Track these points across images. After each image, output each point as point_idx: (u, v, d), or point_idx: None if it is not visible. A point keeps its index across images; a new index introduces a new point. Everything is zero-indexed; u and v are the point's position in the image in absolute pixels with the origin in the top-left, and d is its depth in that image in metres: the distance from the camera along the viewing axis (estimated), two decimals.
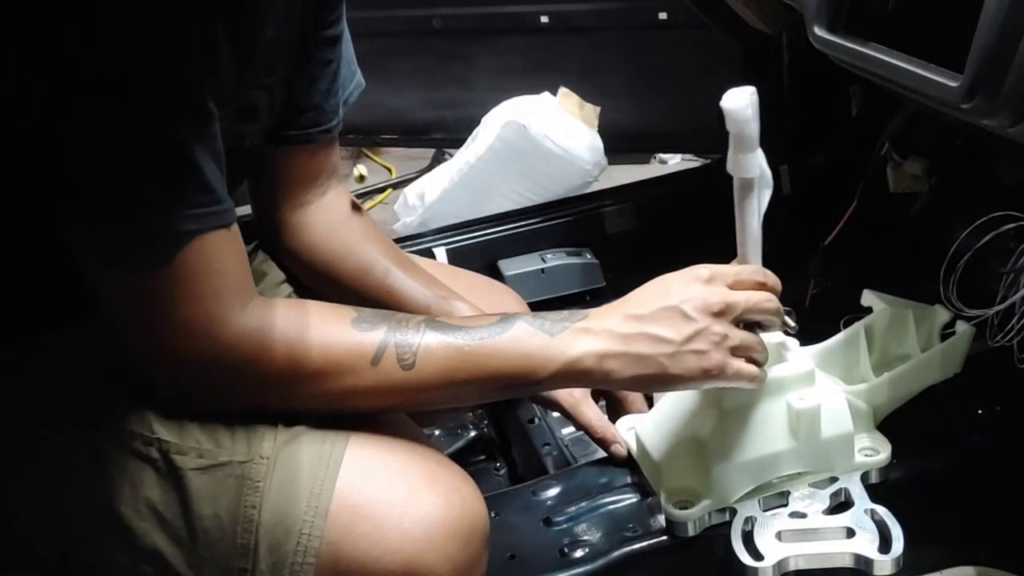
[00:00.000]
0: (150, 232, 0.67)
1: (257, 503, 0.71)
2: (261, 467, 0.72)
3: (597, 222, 1.57)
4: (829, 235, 1.29)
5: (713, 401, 0.88)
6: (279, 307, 0.74)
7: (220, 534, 0.71)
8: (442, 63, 2.60)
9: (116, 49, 0.62)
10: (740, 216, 0.83)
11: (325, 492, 0.72)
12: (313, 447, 0.74)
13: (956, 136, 1.19)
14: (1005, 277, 1.00)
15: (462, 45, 2.56)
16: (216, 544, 0.71)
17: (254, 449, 0.73)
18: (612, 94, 2.37)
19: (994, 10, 0.67)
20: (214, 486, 0.72)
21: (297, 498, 0.72)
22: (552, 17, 2.46)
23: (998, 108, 0.70)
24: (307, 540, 0.71)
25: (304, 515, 0.71)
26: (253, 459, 0.72)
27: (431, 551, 0.72)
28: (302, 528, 0.71)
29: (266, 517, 0.71)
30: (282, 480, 0.72)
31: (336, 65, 0.97)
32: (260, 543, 0.71)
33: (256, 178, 0.98)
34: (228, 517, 0.71)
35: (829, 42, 0.89)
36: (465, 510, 0.75)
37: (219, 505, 0.71)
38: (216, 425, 0.74)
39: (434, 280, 1.02)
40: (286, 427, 0.75)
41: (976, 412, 1.02)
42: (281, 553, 0.71)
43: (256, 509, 0.71)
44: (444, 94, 2.64)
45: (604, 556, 0.88)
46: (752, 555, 0.83)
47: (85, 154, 0.65)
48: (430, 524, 0.72)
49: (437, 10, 2.53)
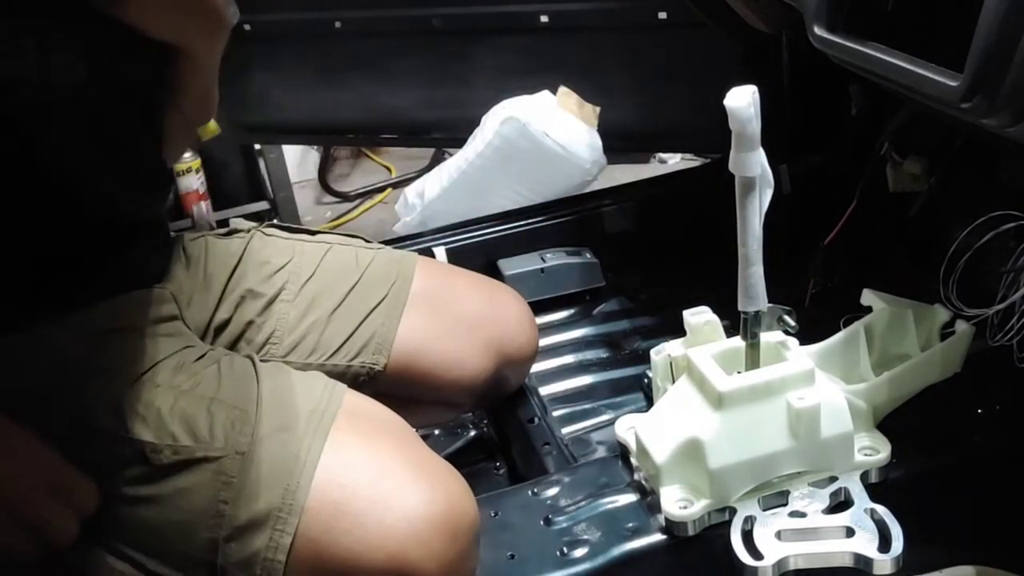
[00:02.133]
0: None
1: (230, 498, 0.71)
2: (236, 462, 0.72)
3: (597, 222, 1.57)
4: (829, 234, 1.29)
5: (713, 402, 0.88)
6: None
7: (192, 528, 0.71)
8: (442, 62, 2.60)
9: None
10: (741, 215, 0.83)
11: (301, 488, 0.71)
12: (292, 441, 0.74)
13: (956, 136, 1.19)
14: (1005, 276, 1.00)
15: (462, 44, 2.56)
16: (188, 538, 0.71)
17: (230, 444, 0.73)
18: (612, 93, 2.37)
19: (994, 9, 0.67)
20: (189, 481, 0.72)
21: (270, 493, 0.71)
22: (552, 17, 2.46)
23: (998, 108, 0.70)
24: (279, 536, 0.70)
25: (279, 511, 0.71)
26: (228, 454, 0.72)
27: (416, 547, 0.71)
28: (275, 524, 0.71)
29: (238, 512, 0.71)
30: (256, 476, 0.72)
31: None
32: (231, 538, 0.71)
33: None
34: (200, 511, 0.71)
35: (829, 41, 0.89)
36: (451, 505, 0.74)
37: (192, 500, 0.71)
38: (195, 418, 0.74)
39: None
40: (266, 419, 0.74)
41: (976, 412, 1.02)
42: (252, 548, 0.71)
43: (228, 504, 0.71)
44: (444, 93, 2.64)
45: (604, 555, 0.88)
46: (752, 554, 0.83)
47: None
48: (414, 519, 0.72)
49: (437, 9, 2.54)
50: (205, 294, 0.95)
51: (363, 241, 1.10)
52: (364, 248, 1.08)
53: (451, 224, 1.56)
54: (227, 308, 0.95)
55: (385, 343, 1.00)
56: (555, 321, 1.46)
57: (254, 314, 0.97)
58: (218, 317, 0.95)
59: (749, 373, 0.90)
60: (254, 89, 2.02)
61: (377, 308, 1.02)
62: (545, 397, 1.26)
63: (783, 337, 0.95)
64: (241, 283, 0.98)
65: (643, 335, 1.39)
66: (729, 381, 0.88)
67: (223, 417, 0.74)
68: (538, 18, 2.44)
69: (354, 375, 0.99)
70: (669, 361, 1.00)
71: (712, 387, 0.87)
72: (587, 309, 1.49)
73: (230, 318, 0.95)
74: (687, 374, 0.94)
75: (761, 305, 0.87)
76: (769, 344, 0.92)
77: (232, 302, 0.96)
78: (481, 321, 1.07)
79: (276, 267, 1.00)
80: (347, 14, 1.87)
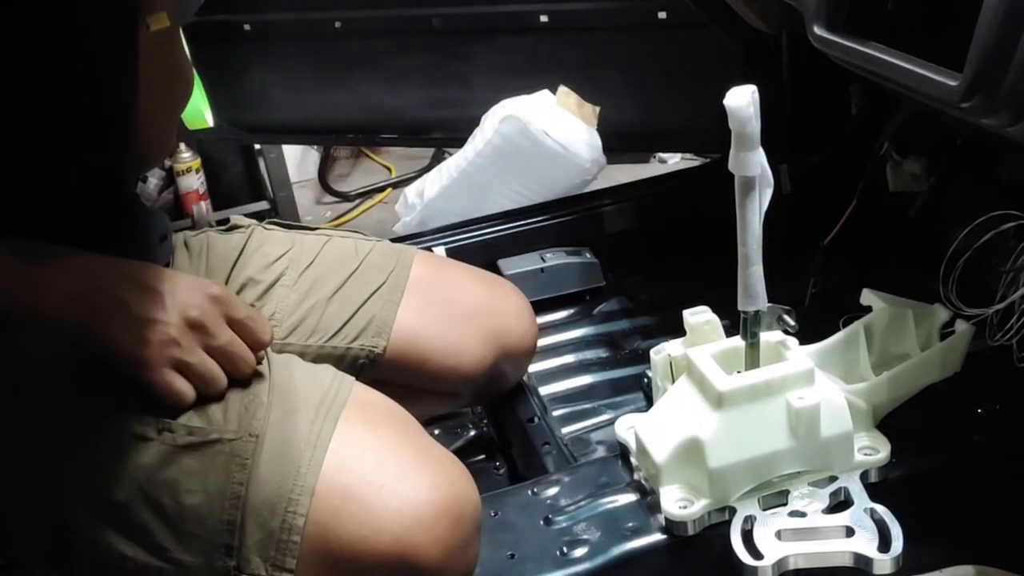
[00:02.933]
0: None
1: (244, 480, 0.72)
2: (249, 445, 0.73)
3: (597, 221, 1.57)
4: (829, 234, 1.29)
5: (713, 401, 0.88)
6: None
7: (208, 510, 0.72)
8: (442, 62, 2.60)
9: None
10: (741, 214, 0.83)
11: (312, 470, 0.72)
12: (302, 426, 0.75)
13: (955, 135, 1.19)
14: (1004, 276, 1.00)
15: (461, 44, 2.56)
16: (204, 520, 0.72)
17: (244, 427, 0.74)
18: (612, 93, 2.37)
19: (993, 9, 0.67)
20: (203, 463, 0.72)
21: (284, 476, 0.72)
22: (552, 16, 2.46)
23: (997, 107, 0.70)
24: (292, 518, 0.71)
25: (291, 493, 0.72)
26: (242, 436, 0.73)
27: (420, 532, 0.72)
28: (288, 506, 0.71)
29: (253, 494, 0.72)
30: (269, 457, 0.73)
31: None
32: (247, 519, 0.71)
33: None
34: (216, 494, 0.72)
35: (829, 41, 0.89)
36: (455, 492, 0.75)
37: (207, 482, 0.72)
38: (208, 402, 0.75)
39: None
40: (277, 404, 0.75)
41: (976, 411, 1.02)
42: (267, 529, 0.71)
43: (243, 486, 0.72)
44: (443, 93, 2.64)
45: (604, 555, 0.88)
46: (751, 554, 0.83)
47: None
48: (419, 504, 0.73)
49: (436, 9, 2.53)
50: None
51: (362, 235, 1.11)
52: (363, 240, 1.10)
53: (451, 224, 1.56)
54: None
55: (384, 327, 1.02)
56: (555, 321, 1.46)
57: (254, 298, 0.99)
58: None
59: (749, 373, 0.90)
60: (254, 89, 2.02)
61: (376, 293, 1.03)
62: (545, 397, 1.26)
63: (783, 337, 0.95)
64: (242, 273, 1.00)
65: (643, 335, 1.39)
66: (729, 381, 0.88)
67: (237, 402, 0.75)
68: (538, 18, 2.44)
69: (354, 358, 1.00)
70: (669, 361, 1.00)
71: (712, 387, 0.87)
72: (587, 309, 1.49)
73: None
74: (687, 374, 0.94)
75: (761, 305, 0.87)
76: (769, 344, 0.92)
77: (233, 290, 0.97)
78: (480, 310, 1.08)
79: (276, 256, 1.02)
80: (347, 14, 1.87)
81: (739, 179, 0.82)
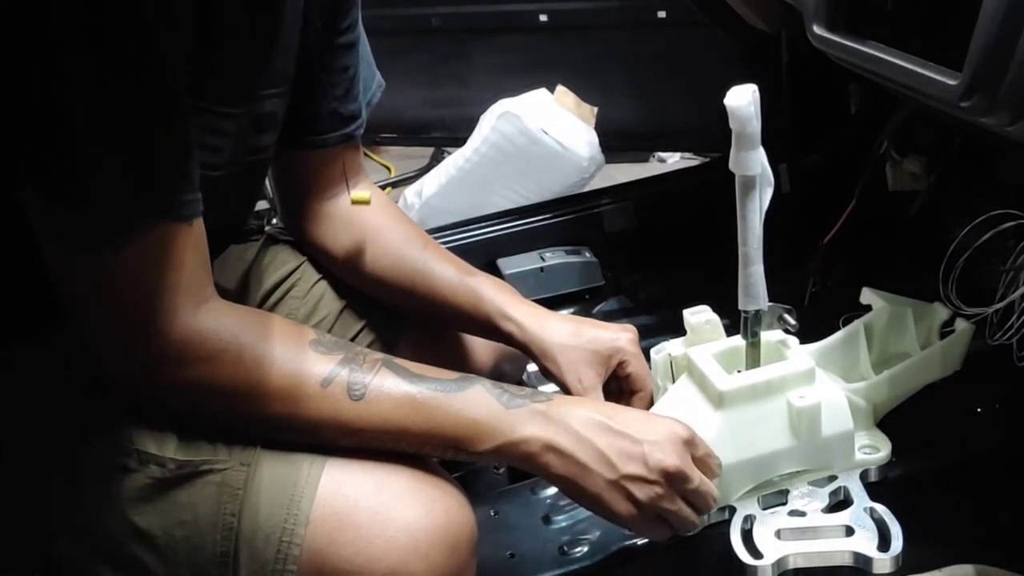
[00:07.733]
0: (109, 214, 0.65)
1: (237, 510, 0.71)
2: (241, 474, 0.72)
3: (596, 221, 1.57)
4: (828, 233, 1.29)
5: (713, 401, 0.88)
6: (239, 313, 0.73)
7: (200, 542, 0.71)
8: (441, 62, 2.60)
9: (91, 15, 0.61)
10: (742, 214, 0.83)
11: (306, 498, 0.71)
12: (295, 454, 0.73)
13: (955, 134, 1.19)
14: (1004, 275, 1.00)
15: (461, 43, 2.57)
16: (196, 552, 0.71)
17: (235, 456, 0.72)
18: (611, 92, 2.38)
19: (993, 8, 0.67)
20: (193, 494, 0.71)
21: (277, 505, 0.71)
22: (551, 15, 2.46)
23: (997, 106, 0.70)
24: (287, 548, 0.70)
25: (284, 522, 0.70)
26: (233, 466, 0.72)
27: (416, 559, 0.71)
28: (282, 536, 0.70)
29: (246, 524, 0.70)
30: (262, 487, 0.71)
31: (354, 71, 0.97)
32: (240, 551, 0.70)
33: (277, 180, 1.00)
34: (207, 525, 0.71)
35: (828, 40, 0.89)
36: (451, 518, 0.74)
37: (198, 513, 0.71)
38: (198, 432, 0.73)
39: (459, 259, 1.02)
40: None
41: (975, 410, 1.02)
42: (261, 560, 0.70)
43: (235, 516, 0.71)
44: (443, 92, 2.64)
45: (603, 554, 0.88)
46: (751, 553, 0.83)
47: (51, 123, 0.63)
48: (415, 532, 0.71)
49: (436, 8, 2.54)
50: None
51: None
52: None
53: (450, 223, 1.56)
54: None
55: (395, 337, 1.02)
56: None
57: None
58: None
59: (749, 372, 0.90)
60: None
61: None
62: None
63: (783, 336, 0.95)
64: (255, 285, 1.00)
65: (643, 334, 1.38)
66: (729, 380, 0.88)
67: (225, 430, 0.74)
68: (537, 17, 2.44)
69: None
70: (669, 360, 1.00)
71: (712, 386, 0.87)
72: (586, 308, 1.49)
73: None
74: (687, 373, 0.94)
75: (761, 304, 0.87)
76: (769, 343, 0.92)
77: (253, 304, 0.98)
78: None
79: (287, 271, 1.02)
80: None
81: (739, 178, 0.82)
